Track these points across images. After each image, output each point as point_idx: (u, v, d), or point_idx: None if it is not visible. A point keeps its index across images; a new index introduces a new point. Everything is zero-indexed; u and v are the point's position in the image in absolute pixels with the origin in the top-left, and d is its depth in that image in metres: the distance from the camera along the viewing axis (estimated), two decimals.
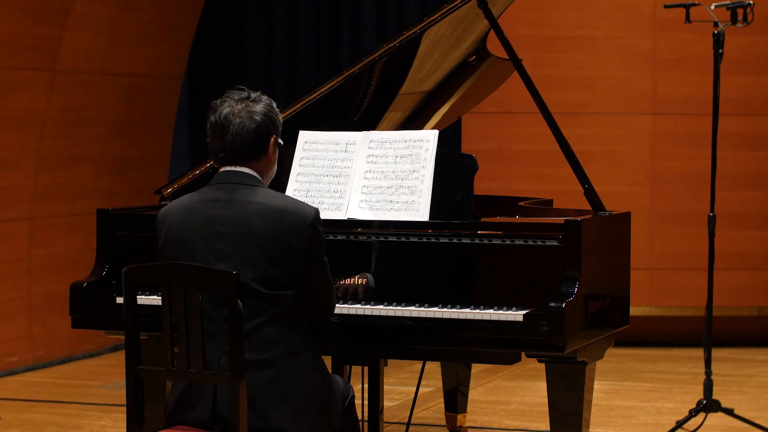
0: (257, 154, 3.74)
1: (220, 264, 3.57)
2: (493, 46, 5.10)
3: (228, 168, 3.74)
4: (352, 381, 4.62)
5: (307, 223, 3.64)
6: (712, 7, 6.09)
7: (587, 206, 4.47)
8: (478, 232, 4.11)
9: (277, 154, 3.82)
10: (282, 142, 3.83)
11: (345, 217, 4.26)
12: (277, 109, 3.80)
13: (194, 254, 3.64)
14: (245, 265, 3.58)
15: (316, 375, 3.67)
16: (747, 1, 6.03)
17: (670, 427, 6.12)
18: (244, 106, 3.72)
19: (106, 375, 7.80)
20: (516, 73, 4.68)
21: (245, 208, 3.65)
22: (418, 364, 6.84)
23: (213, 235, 3.64)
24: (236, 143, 3.70)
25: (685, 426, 6.09)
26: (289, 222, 3.62)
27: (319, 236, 3.68)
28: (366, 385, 4.40)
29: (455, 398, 5.68)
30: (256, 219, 3.62)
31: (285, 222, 3.62)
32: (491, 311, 3.97)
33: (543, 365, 4.11)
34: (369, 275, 4.16)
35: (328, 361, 3.93)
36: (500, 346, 4.00)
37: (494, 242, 4.09)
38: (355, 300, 4.16)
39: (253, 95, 3.76)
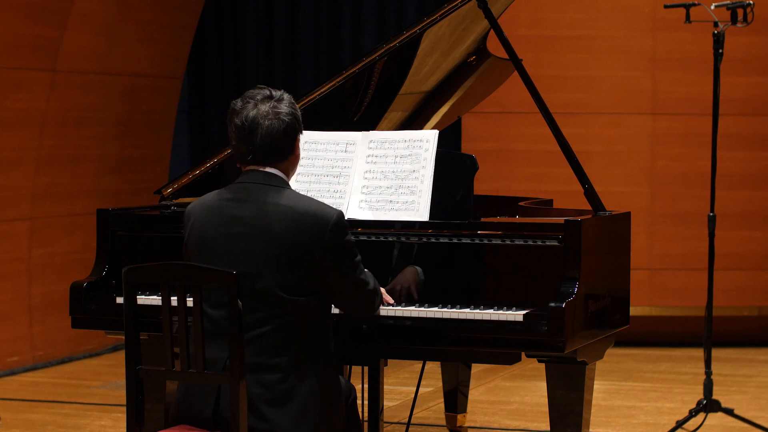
0: (285, 155, 3.70)
1: (237, 264, 3.53)
2: (493, 46, 5.10)
3: (253, 167, 3.70)
4: (352, 381, 4.62)
5: (328, 226, 3.59)
6: (712, 7, 6.09)
7: (587, 206, 4.47)
8: (478, 232, 4.11)
9: (300, 150, 3.79)
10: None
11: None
12: (297, 107, 3.76)
13: (215, 253, 3.62)
14: (262, 267, 3.55)
15: (323, 380, 3.64)
16: (747, 1, 6.03)
17: (670, 427, 6.12)
18: (271, 107, 3.65)
19: (106, 375, 7.80)
20: (516, 73, 4.68)
21: (267, 209, 3.61)
22: (418, 364, 6.84)
23: (233, 236, 3.61)
24: (266, 146, 3.65)
25: (685, 426, 6.09)
26: (310, 226, 3.57)
27: (342, 239, 3.61)
28: (366, 385, 4.40)
29: (455, 398, 5.68)
30: (276, 221, 3.58)
31: (306, 226, 3.57)
32: (491, 311, 3.96)
33: (543, 365, 4.11)
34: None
35: None
36: (500, 346, 3.99)
37: (494, 242, 4.09)
38: None
39: (276, 94, 3.69)
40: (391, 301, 4.07)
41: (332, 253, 3.60)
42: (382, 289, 4.05)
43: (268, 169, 3.69)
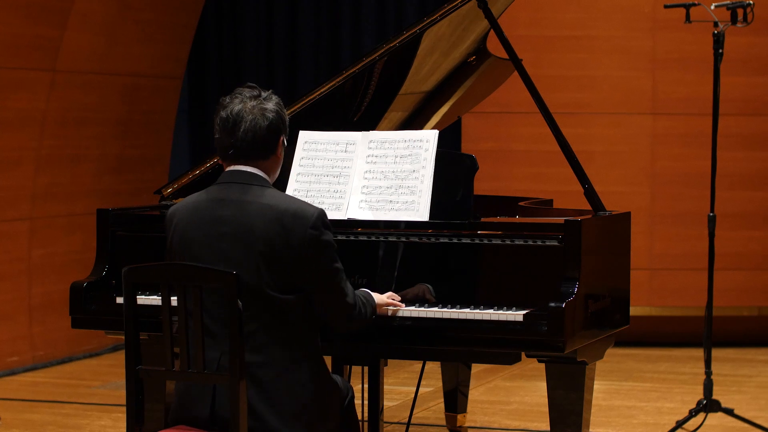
0: (266, 153, 3.71)
1: (221, 264, 3.55)
2: (493, 46, 5.10)
3: (235, 167, 3.71)
4: (352, 381, 4.62)
5: (309, 224, 3.58)
6: (712, 7, 6.09)
7: (587, 206, 4.47)
8: (478, 232, 4.11)
9: (283, 154, 3.80)
10: (286, 144, 3.81)
11: (345, 217, 4.26)
12: (284, 109, 3.79)
13: (199, 254, 3.63)
14: (245, 266, 3.56)
15: (315, 379, 3.64)
16: (747, 1, 6.03)
17: (670, 427, 6.12)
18: (257, 104, 3.68)
19: (106, 375, 7.80)
20: (516, 73, 4.68)
21: (248, 208, 3.62)
22: (418, 364, 6.84)
23: (217, 235, 3.62)
24: (248, 140, 3.66)
25: (685, 426, 6.09)
26: (291, 223, 3.58)
27: (323, 236, 3.60)
28: (366, 385, 4.40)
29: (455, 398, 5.68)
30: (257, 220, 3.59)
31: (286, 224, 3.58)
32: (491, 311, 3.96)
33: (543, 365, 4.11)
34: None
35: (328, 360, 3.92)
36: (500, 346, 3.99)
37: (494, 242, 4.09)
38: None
39: (264, 93, 3.72)
40: (400, 303, 4.08)
41: (313, 248, 3.57)
42: (389, 295, 4.04)
43: (249, 169, 3.69)
